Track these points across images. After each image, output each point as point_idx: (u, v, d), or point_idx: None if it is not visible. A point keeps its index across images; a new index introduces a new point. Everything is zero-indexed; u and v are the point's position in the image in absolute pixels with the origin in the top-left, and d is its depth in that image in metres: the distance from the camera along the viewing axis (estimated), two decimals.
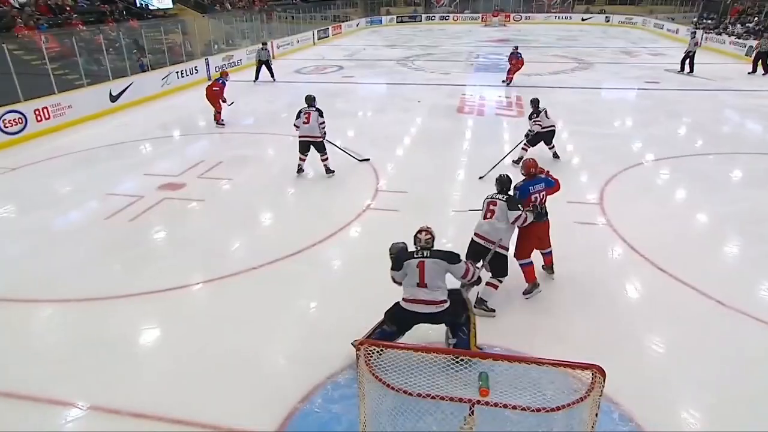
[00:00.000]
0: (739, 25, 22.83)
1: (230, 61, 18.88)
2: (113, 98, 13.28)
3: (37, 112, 11.09)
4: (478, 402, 2.57)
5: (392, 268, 4.13)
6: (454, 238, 6.37)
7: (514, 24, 39.28)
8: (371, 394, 3.11)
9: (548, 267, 5.51)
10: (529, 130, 8.70)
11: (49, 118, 11.34)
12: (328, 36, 30.16)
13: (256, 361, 4.38)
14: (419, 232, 4.15)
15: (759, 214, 7.04)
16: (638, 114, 12.49)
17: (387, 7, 42.89)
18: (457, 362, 2.90)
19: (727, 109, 12.83)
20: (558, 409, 2.68)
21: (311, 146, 8.15)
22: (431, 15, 42.03)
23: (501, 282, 4.94)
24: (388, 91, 16.21)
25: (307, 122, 7.96)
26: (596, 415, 2.80)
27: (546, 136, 8.80)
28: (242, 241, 6.49)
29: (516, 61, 15.91)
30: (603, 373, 2.67)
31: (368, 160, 8.69)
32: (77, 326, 4.91)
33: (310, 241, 6.28)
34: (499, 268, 4.89)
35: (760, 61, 16.90)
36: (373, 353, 3.01)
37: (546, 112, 8.72)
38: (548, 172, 5.38)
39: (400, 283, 4.14)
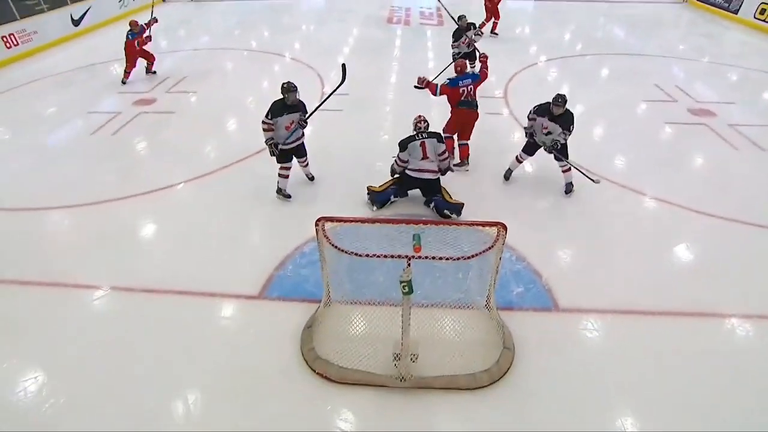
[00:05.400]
0: None
1: None
2: (75, 22, 11.14)
3: (5, 39, 9.21)
4: (413, 257, 2.66)
5: (400, 151, 4.44)
6: (390, 130, 6.28)
7: None
8: (330, 258, 3.16)
9: (464, 159, 5.29)
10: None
11: (17, 45, 9.46)
12: None
13: (239, 241, 4.31)
14: (418, 121, 4.47)
15: (620, 100, 7.25)
16: (533, 23, 12.05)
17: None
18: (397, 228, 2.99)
19: (601, 17, 12.58)
20: (472, 257, 2.82)
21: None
22: None
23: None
24: (327, 5, 14.61)
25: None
26: (500, 258, 3.00)
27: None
28: (213, 145, 6.02)
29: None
30: (505, 228, 2.80)
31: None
32: (86, 226, 4.57)
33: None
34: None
35: None
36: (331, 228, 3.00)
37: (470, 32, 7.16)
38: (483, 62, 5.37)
39: (404, 162, 4.45)
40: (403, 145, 4.46)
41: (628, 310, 3.58)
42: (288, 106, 4.40)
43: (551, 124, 4.51)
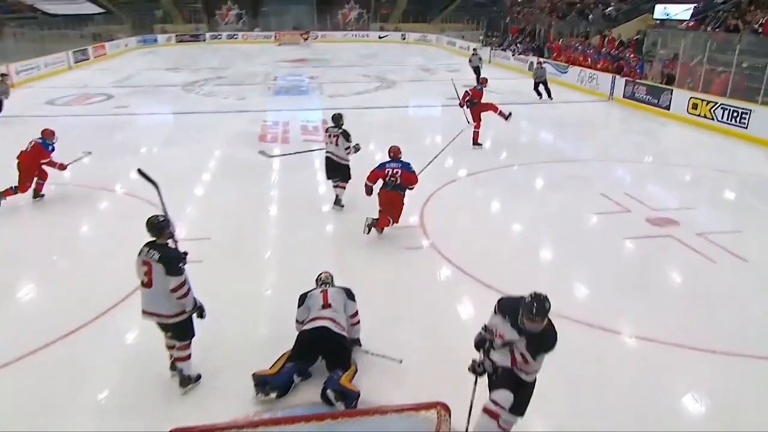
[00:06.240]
0: (518, 44, 26.84)
1: None
2: None
3: None
4: None
5: (297, 308, 4.86)
6: (274, 282, 6.38)
7: (312, 42, 40.90)
8: None
9: (379, 227, 7.27)
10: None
11: None
12: (89, 58, 27.89)
13: None
14: (321, 274, 5.18)
15: (563, 215, 8.29)
16: (446, 130, 13.80)
17: (162, 24, 41.32)
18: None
19: (523, 121, 14.90)
20: None
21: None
22: (217, 33, 41.70)
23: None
24: (177, 122, 15.53)
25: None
26: None
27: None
28: None
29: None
30: (448, 409, 2.80)
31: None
32: None
33: (89, 314, 5.60)
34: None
35: (541, 88, 17.76)
36: None
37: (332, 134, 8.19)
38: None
39: (301, 323, 4.75)
40: (301, 298, 4.85)
41: None
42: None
43: (523, 343, 3.54)
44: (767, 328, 5.51)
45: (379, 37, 42.03)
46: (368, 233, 7.21)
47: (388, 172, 7.11)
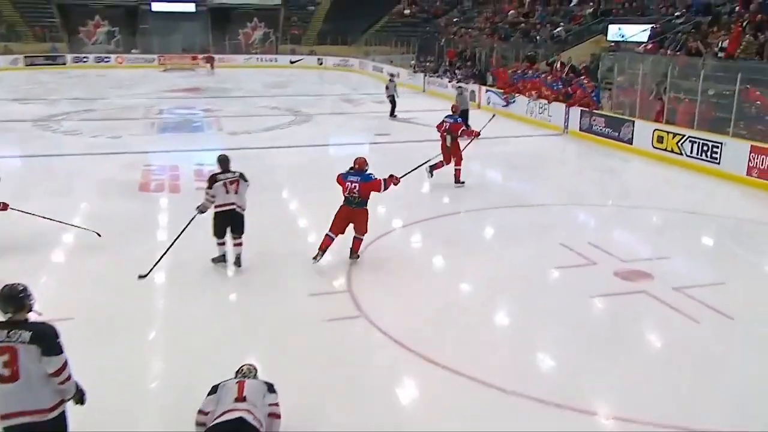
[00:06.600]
0: (456, 71, 27.90)
1: None
2: None
3: None
4: None
5: (207, 396, 4.78)
6: (161, 370, 6.12)
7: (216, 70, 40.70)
8: None
9: (354, 252, 8.45)
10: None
11: None
12: None
13: None
14: (242, 366, 5.18)
15: (519, 271, 8.48)
16: (375, 172, 13.89)
17: (6, 42, 39.99)
18: None
19: (467, 160, 15.29)
20: None
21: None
22: (82, 56, 41.03)
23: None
24: (27, 168, 14.95)
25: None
26: None
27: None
28: None
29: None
30: None
31: None
32: None
33: None
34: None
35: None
36: None
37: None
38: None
39: (205, 415, 4.63)
40: (214, 388, 4.84)
41: None
42: None
43: None
44: (766, 398, 5.70)
45: (291, 62, 42.77)
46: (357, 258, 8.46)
47: (348, 186, 8.17)
